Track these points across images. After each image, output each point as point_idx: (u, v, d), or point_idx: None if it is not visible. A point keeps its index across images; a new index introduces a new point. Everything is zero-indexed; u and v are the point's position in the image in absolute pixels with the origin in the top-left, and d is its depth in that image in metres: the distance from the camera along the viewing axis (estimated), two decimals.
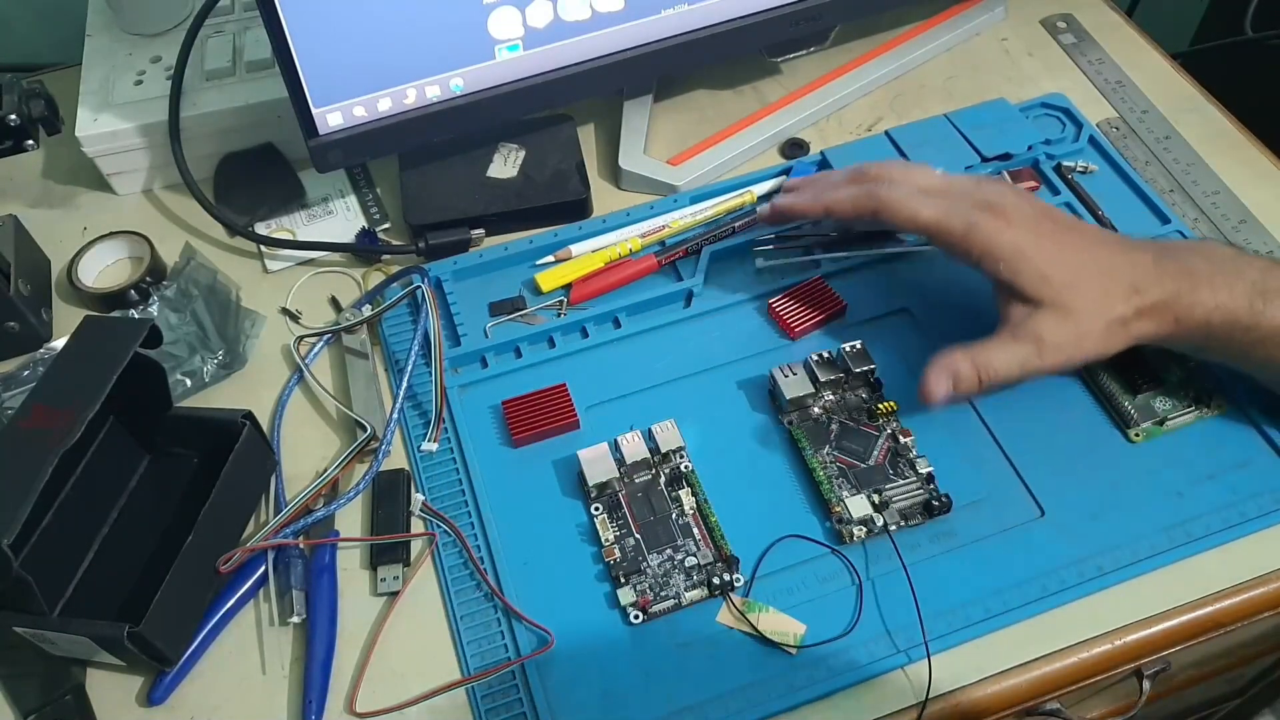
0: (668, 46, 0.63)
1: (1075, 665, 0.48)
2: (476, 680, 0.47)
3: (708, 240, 0.62)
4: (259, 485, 0.54)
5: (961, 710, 0.47)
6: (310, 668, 0.48)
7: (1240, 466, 0.52)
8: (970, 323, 0.58)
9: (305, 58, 0.55)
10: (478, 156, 0.67)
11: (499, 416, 0.56)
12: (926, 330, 0.58)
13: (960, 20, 0.76)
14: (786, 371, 0.55)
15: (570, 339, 0.60)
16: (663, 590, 0.49)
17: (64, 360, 0.49)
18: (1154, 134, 0.69)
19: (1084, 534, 0.50)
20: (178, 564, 0.47)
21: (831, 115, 0.72)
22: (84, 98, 0.67)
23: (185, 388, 0.58)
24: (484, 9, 0.58)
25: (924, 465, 0.52)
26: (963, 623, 0.48)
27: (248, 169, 0.68)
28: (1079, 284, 0.49)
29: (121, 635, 0.44)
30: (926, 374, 0.50)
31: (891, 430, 0.53)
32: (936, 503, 0.50)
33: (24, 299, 0.60)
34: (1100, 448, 0.53)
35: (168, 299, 0.61)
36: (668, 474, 0.53)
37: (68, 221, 0.69)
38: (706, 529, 0.51)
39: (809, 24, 0.67)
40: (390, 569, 0.51)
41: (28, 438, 0.46)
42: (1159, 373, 0.55)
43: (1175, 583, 0.49)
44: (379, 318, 0.60)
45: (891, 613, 0.48)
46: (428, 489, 0.54)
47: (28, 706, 0.48)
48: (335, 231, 0.66)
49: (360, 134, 0.60)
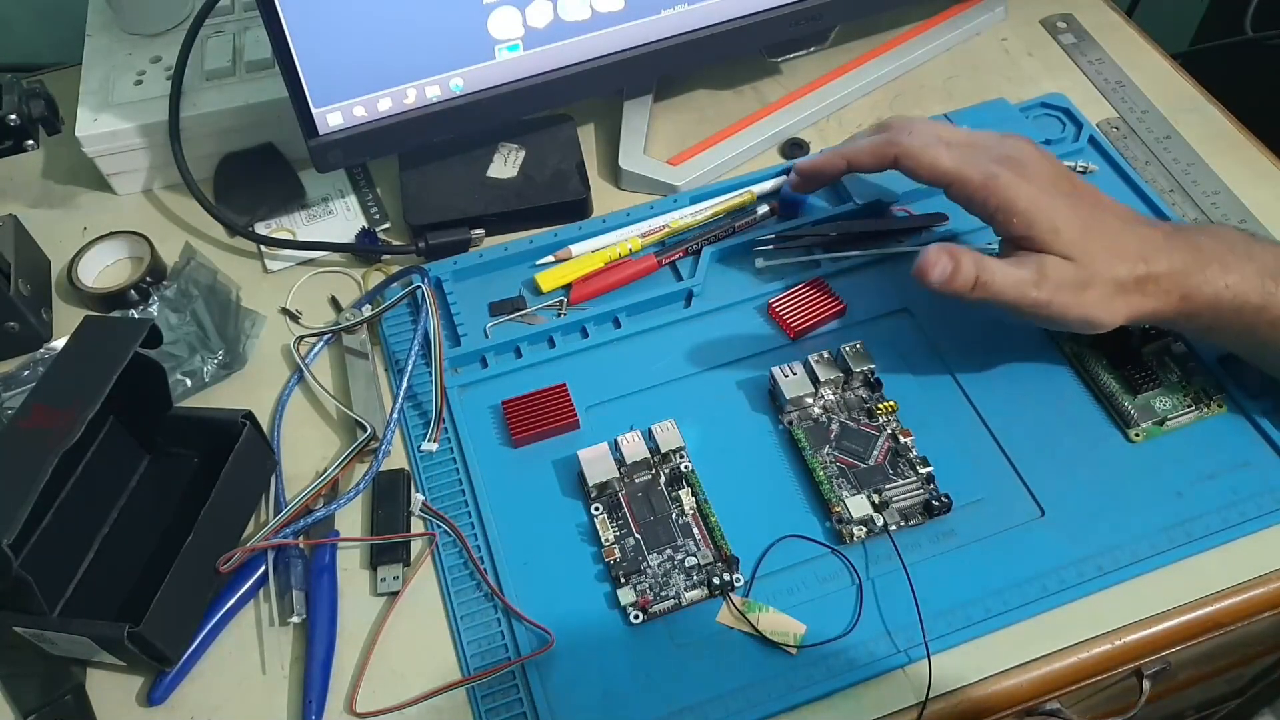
0: (668, 46, 0.63)
1: (1075, 665, 0.48)
2: (476, 680, 0.47)
3: (708, 240, 0.62)
4: (259, 485, 0.54)
5: (961, 710, 0.47)
6: (310, 668, 0.48)
7: (1240, 466, 0.52)
8: (970, 323, 0.58)
9: (305, 58, 0.55)
10: (478, 156, 0.67)
11: (499, 416, 0.56)
12: (926, 330, 0.58)
13: (960, 20, 0.76)
14: (786, 371, 0.55)
15: (570, 339, 0.60)
16: (663, 590, 0.49)
17: (64, 360, 0.49)
18: (1154, 134, 0.69)
19: (1084, 534, 0.50)
20: (178, 564, 0.47)
21: (831, 115, 0.72)
22: (84, 98, 0.67)
23: (185, 388, 0.58)
24: (484, 9, 0.58)
25: (924, 465, 0.52)
26: (963, 623, 0.48)
27: (248, 169, 0.68)
28: (1088, 243, 0.49)
29: (121, 635, 0.44)
30: (928, 252, 0.50)
31: (891, 430, 0.53)
32: (936, 503, 0.50)
33: (24, 299, 0.60)
34: (1100, 448, 0.53)
35: (168, 299, 0.61)
36: (668, 474, 0.53)
37: (68, 221, 0.69)
38: (706, 529, 0.51)
39: (809, 24, 0.67)
40: (390, 569, 0.51)
41: (28, 438, 0.46)
42: (1159, 373, 0.55)
43: (1175, 583, 0.49)
44: (379, 318, 0.60)
45: (891, 613, 0.48)
46: (428, 489, 0.54)
47: (28, 706, 0.48)
48: (335, 231, 0.66)
49: (360, 134, 0.60)
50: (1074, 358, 0.56)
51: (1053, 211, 0.49)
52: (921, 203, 0.64)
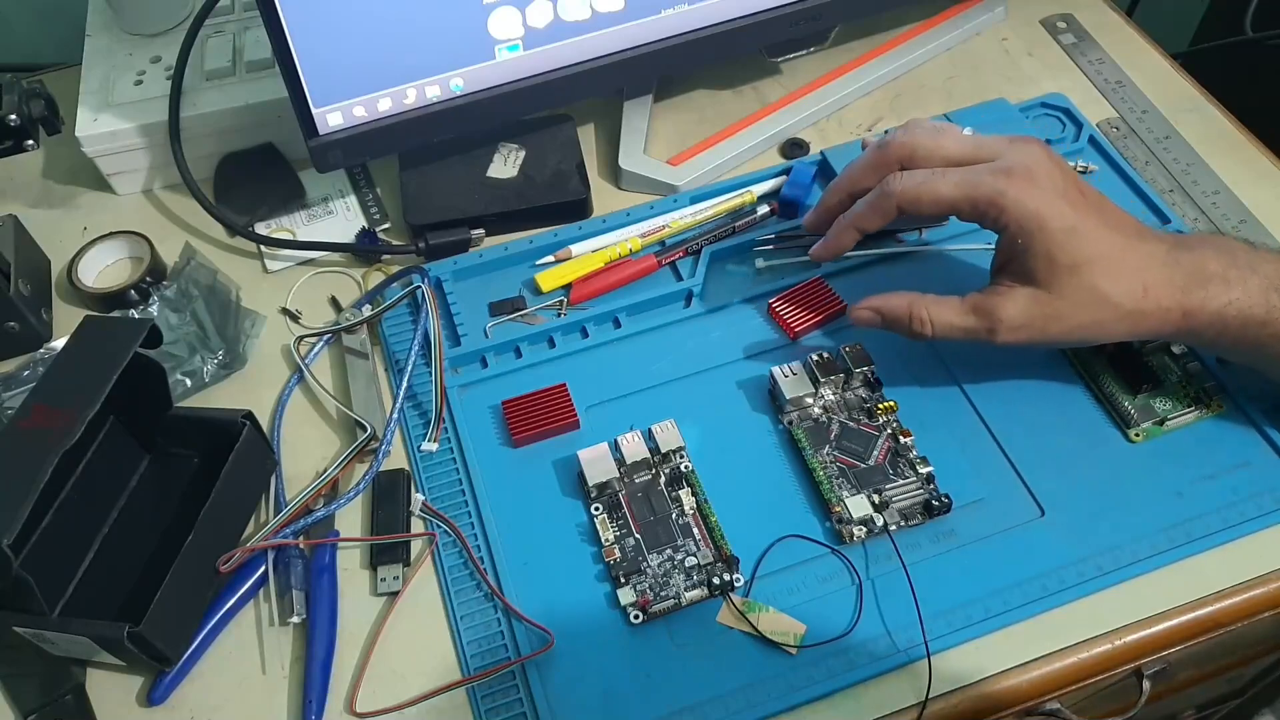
0: (668, 46, 0.63)
1: (1075, 665, 0.48)
2: (476, 680, 0.47)
3: (708, 240, 0.62)
4: (259, 485, 0.54)
5: (961, 710, 0.47)
6: (310, 668, 0.48)
7: (1240, 466, 0.52)
8: None
9: (305, 58, 0.55)
10: (477, 156, 0.67)
11: (499, 416, 0.56)
12: None
13: (960, 20, 0.76)
14: (786, 371, 0.55)
15: (570, 339, 0.60)
16: (663, 590, 0.49)
17: (64, 360, 0.49)
18: (1154, 134, 0.69)
19: (1084, 534, 0.50)
20: (178, 564, 0.47)
21: (831, 115, 0.72)
22: (84, 98, 0.67)
23: (185, 388, 0.58)
24: (484, 9, 0.58)
25: (924, 465, 0.52)
26: (963, 623, 0.48)
27: (248, 169, 0.68)
28: (1082, 272, 0.48)
29: (121, 635, 0.44)
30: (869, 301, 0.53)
31: (892, 430, 0.53)
32: (936, 503, 0.50)
33: (24, 299, 0.60)
34: (1100, 448, 0.53)
35: (168, 299, 0.61)
36: (668, 474, 0.53)
37: (68, 221, 0.69)
38: (706, 529, 0.51)
39: (809, 24, 0.67)
40: (390, 569, 0.51)
41: (28, 438, 0.46)
42: (1159, 373, 0.55)
43: (1175, 583, 0.49)
44: (379, 318, 0.60)
45: (891, 613, 0.48)
46: (428, 489, 0.54)
47: (28, 706, 0.48)
48: (335, 231, 0.66)
49: (360, 134, 0.60)
50: (1074, 358, 0.56)
51: (1053, 232, 0.47)
52: None
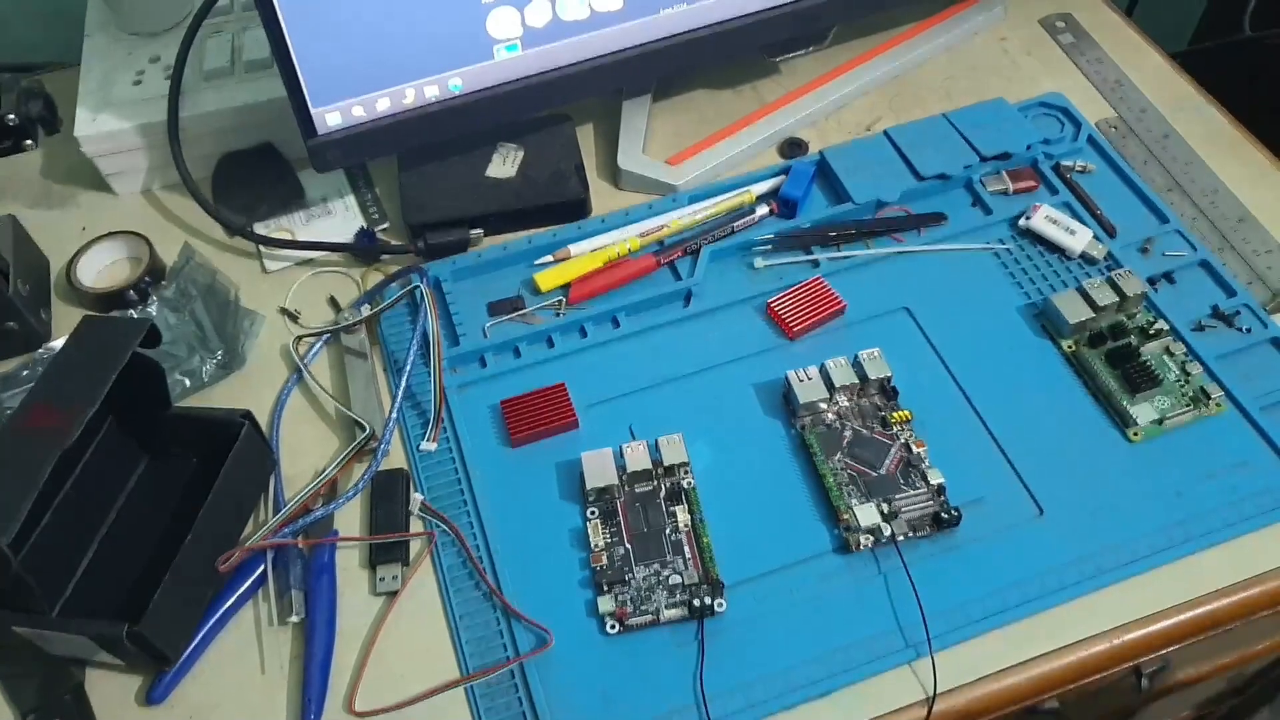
0: (667, 46, 0.63)
1: (1075, 664, 0.48)
2: (475, 679, 0.47)
3: (707, 240, 0.62)
4: (258, 485, 0.54)
5: (961, 709, 0.47)
6: (309, 667, 0.48)
7: (1239, 466, 0.52)
8: (970, 323, 0.58)
9: (304, 58, 0.55)
10: (477, 156, 0.67)
11: (498, 416, 0.56)
12: (926, 330, 0.58)
13: (959, 20, 0.76)
14: (802, 375, 0.54)
15: (569, 339, 0.60)
16: (643, 604, 0.48)
17: (63, 360, 0.49)
18: (1152, 133, 0.69)
19: (1083, 533, 0.50)
20: (177, 563, 0.47)
21: (830, 115, 0.72)
22: (83, 98, 0.67)
23: (184, 388, 0.58)
24: (483, 9, 0.58)
25: (936, 476, 0.51)
26: (963, 622, 0.48)
27: (247, 169, 0.68)
28: None
29: (121, 634, 0.44)
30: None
31: (905, 440, 0.53)
32: (946, 515, 0.50)
33: (23, 299, 0.60)
34: (1100, 448, 0.53)
35: (167, 299, 0.60)
36: (668, 488, 0.52)
37: (67, 221, 0.69)
38: (698, 549, 0.50)
39: (808, 24, 0.67)
40: (389, 568, 0.51)
41: (27, 437, 0.45)
42: (1158, 373, 0.55)
43: (1174, 581, 0.49)
44: (378, 318, 0.60)
45: (893, 612, 0.48)
46: (426, 488, 0.54)
47: (27, 706, 0.48)
48: (334, 231, 0.66)
49: (359, 134, 0.60)
50: (1073, 357, 0.56)
51: None
52: (920, 202, 0.64)
